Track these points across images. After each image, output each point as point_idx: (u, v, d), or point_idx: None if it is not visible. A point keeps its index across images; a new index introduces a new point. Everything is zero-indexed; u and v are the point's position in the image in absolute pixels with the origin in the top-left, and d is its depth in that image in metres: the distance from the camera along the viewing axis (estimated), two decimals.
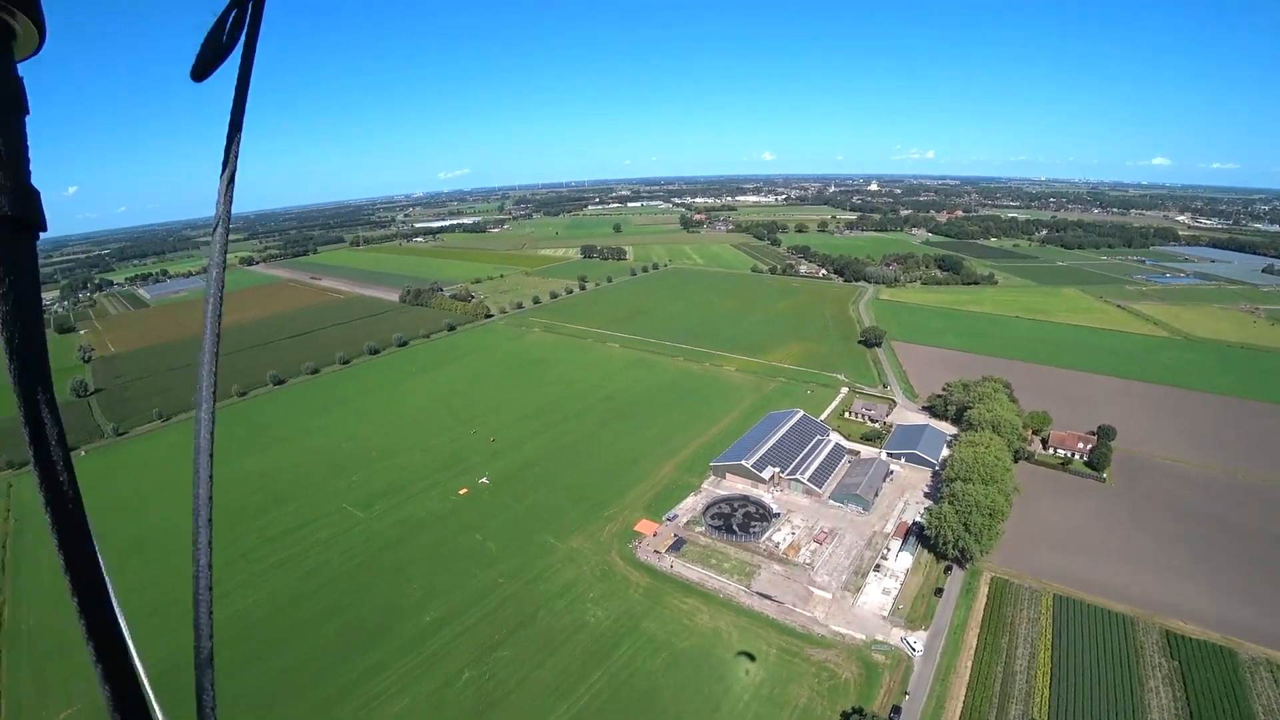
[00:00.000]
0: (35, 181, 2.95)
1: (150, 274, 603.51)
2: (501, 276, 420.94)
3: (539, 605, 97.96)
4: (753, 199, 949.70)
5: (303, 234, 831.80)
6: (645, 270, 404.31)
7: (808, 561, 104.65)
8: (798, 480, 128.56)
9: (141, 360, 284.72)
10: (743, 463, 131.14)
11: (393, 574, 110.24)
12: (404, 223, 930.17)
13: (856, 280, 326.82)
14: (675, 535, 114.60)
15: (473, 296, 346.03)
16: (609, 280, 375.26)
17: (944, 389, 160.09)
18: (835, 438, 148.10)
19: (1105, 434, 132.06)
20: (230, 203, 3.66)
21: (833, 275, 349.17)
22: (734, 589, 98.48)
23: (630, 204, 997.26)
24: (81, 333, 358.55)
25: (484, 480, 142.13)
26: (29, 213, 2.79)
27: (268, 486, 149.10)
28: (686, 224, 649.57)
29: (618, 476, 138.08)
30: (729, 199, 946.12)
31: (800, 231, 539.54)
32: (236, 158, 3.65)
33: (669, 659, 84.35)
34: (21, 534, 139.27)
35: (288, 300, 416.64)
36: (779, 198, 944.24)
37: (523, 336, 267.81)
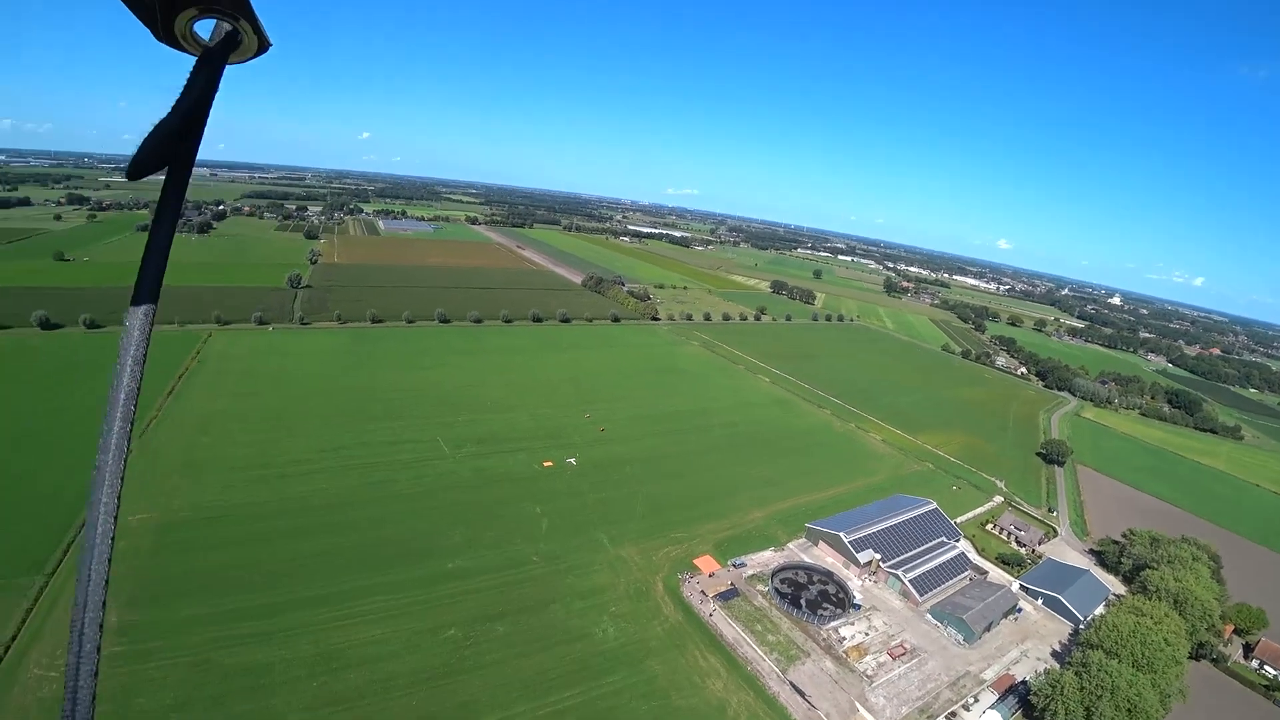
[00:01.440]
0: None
1: (392, 211, 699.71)
2: (685, 289, 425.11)
3: (557, 597, 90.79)
4: (971, 281, 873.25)
5: (529, 211, 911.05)
6: (828, 319, 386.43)
7: (868, 673, 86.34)
8: (897, 576, 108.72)
9: (350, 273, 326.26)
10: (841, 535, 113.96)
11: (443, 512, 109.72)
12: (619, 223, 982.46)
13: (1060, 389, 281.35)
14: (732, 584, 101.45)
15: (649, 298, 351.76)
16: (787, 318, 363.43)
17: (1124, 535, 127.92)
18: (964, 546, 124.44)
19: None
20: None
21: (1032, 376, 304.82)
22: (767, 667, 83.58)
23: (841, 256, 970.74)
24: (321, 241, 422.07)
25: (571, 461, 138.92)
26: None
27: (389, 401, 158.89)
28: (890, 287, 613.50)
29: (703, 504, 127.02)
30: (945, 275, 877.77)
31: (1012, 324, 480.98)
32: None
33: (657, 712, 72.46)
34: (197, 373, 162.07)
35: (487, 258, 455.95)
36: (1001, 287, 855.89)
37: (678, 345, 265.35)
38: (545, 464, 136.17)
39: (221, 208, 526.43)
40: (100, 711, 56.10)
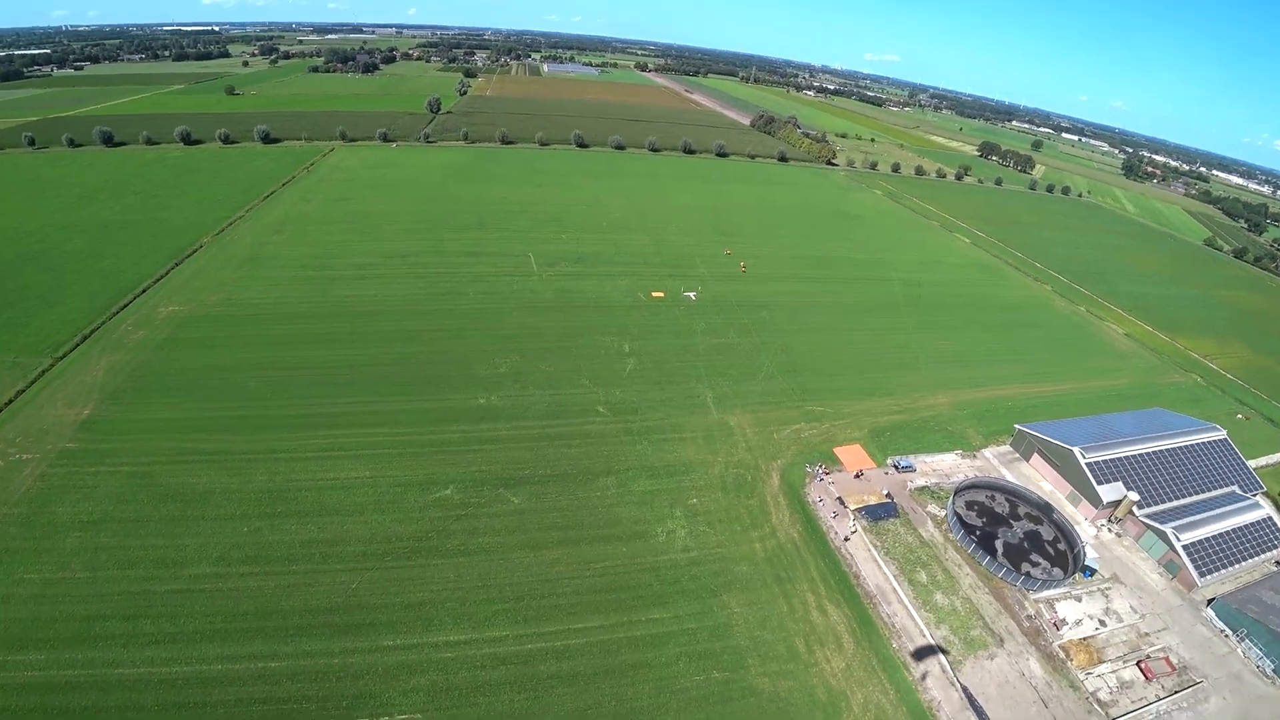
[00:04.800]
0: None
1: (559, 57, 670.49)
2: (872, 140, 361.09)
3: (614, 468, 61.46)
4: (1238, 180, 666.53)
5: (705, 64, 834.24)
6: (1049, 190, 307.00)
7: (1102, 697, 49.37)
8: (1162, 535, 66.59)
9: (496, 104, 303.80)
10: (1075, 451, 72.41)
11: (500, 336, 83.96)
12: (805, 79, 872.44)
13: None
14: (889, 494, 66.16)
15: (826, 141, 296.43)
16: (997, 182, 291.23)
17: None
18: (1269, 510, 76.92)
19: None
20: None
21: None
22: (921, 642, 49.23)
23: (1066, 135, 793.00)
24: (478, 79, 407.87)
25: (690, 295, 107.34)
26: None
27: (485, 213, 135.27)
28: (1131, 170, 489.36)
29: (861, 373, 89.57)
30: (1202, 168, 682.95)
31: None
32: None
33: (717, 692, 41.34)
34: (302, 180, 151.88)
35: (649, 97, 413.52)
36: None
37: (855, 192, 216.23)
38: (654, 295, 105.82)
39: (392, 53, 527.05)
40: (8, 514, 30.39)
